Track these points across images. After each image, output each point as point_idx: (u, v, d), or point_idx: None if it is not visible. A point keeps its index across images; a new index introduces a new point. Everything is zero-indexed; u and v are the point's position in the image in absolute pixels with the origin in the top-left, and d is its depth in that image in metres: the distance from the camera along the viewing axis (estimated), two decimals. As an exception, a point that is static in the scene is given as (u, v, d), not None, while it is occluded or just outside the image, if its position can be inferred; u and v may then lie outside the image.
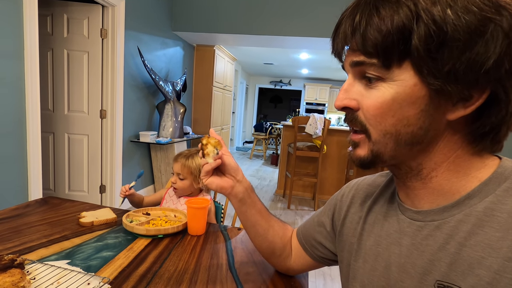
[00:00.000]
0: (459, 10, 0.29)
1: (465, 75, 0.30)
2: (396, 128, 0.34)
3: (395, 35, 0.30)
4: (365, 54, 0.33)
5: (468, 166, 0.35)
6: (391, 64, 0.32)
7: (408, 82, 0.32)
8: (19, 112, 1.74)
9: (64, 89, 2.48)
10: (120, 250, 0.75)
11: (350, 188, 0.53)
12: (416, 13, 0.29)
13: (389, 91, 0.33)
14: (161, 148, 3.09)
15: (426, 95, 0.32)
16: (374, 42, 0.32)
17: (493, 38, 0.28)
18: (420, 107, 0.32)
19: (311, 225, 0.59)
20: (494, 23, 0.28)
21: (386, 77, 0.33)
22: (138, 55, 2.78)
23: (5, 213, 0.92)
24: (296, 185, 3.51)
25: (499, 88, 0.30)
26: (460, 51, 0.29)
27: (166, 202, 1.19)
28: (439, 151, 0.35)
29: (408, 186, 0.39)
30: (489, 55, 0.29)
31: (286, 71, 7.50)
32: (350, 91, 0.37)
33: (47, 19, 2.42)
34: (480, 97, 0.31)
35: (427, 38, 0.29)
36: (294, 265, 0.62)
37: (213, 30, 3.37)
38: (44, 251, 0.71)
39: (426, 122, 0.33)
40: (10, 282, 0.50)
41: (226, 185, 0.57)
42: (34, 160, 1.84)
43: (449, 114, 0.32)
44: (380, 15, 0.31)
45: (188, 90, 4.03)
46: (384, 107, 0.34)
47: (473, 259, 0.31)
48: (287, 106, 10.59)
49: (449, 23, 0.29)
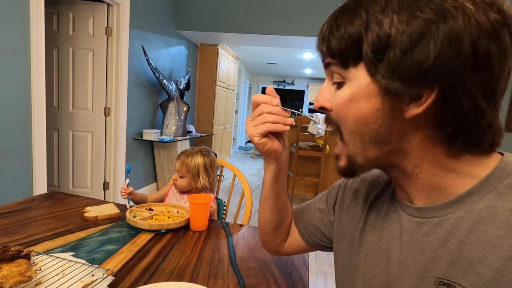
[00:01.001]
0: (404, 16, 0.31)
1: (408, 73, 0.31)
2: (357, 126, 0.36)
3: (348, 41, 0.34)
4: (330, 56, 0.37)
5: (451, 163, 0.35)
6: (348, 65, 0.36)
7: (362, 81, 0.35)
8: (25, 109, 1.77)
9: (69, 86, 2.50)
10: (123, 244, 0.76)
11: (354, 180, 0.53)
12: (366, 20, 0.33)
13: (347, 90, 0.36)
14: (164, 146, 3.11)
15: (379, 94, 0.34)
16: (333, 47, 0.36)
17: (433, 38, 0.30)
18: (375, 105, 0.34)
19: (310, 211, 0.59)
20: (436, 25, 0.30)
21: (346, 77, 0.36)
22: (143, 54, 2.80)
23: (11, 207, 0.94)
24: (298, 185, 3.51)
25: (445, 87, 0.31)
26: (403, 52, 0.31)
27: (170, 199, 1.20)
28: (413, 150, 0.36)
29: (401, 184, 0.40)
30: (429, 53, 0.30)
31: (290, 71, 7.50)
32: (325, 92, 0.41)
33: (53, 17, 2.44)
34: (429, 96, 0.32)
35: (374, 42, 0.32)
36: (286, 246, 0.63)
37: (217, 29, 3.38)
38: (50, 243, 0.73)
39: (385, 121, 0.35)
40: (17, 272, 0.51)
41: (278, 148, 0.52)
42: (39, 156, 1.87)
43: (406, 113, 0.33)
44: (337, 25, 0.35)
45: (192, 89, 4.05)
46: (346, 104, 0.36)
47: (474, 257, 0.31)
48: (291, 106, 10.55)
49: (393, 27, 0.31)
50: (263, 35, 3.31)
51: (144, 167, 3.10)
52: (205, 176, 1.15)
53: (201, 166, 1.15)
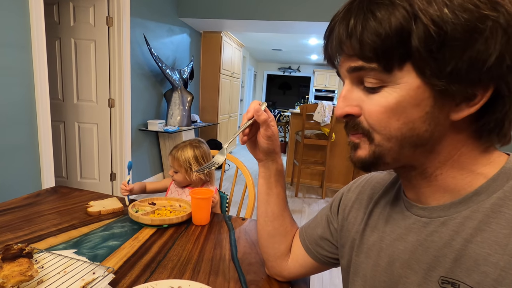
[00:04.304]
0: (456, 9, 0.28)
1: (468, 73, 0.29)
2: (401, 131, 0.33)
3: (394, 38, 0.30)
4: (363, 59, 0.32)
5: (472, 163, 0.34)
6: (392, 67, 0.31)
7: (411, 84, 0.31)
8: (29, 102, 1.77)
9: (72, 78, 2.50)
10: (126, 240, 0.76)
11: (357, 185, 0.53)
12: (413, 14, 0.29)
13: (392, 95, 0.32)
14: (169, 136, 3.12)
15: (430, 96, 0.31)
16: (372, 46, 0.31)
17: (492, 35, 0.28)
18: (425, 109, 0.32)
19: (317, 223, 0.58)
20: (492, 20, 0.28)
21: (388, 81, 0.32)
22: (145, 43, 2.77)
23: (17, 202, 0.95)
24: (304, 173, 3.51)
25: (502, 84, 0.30)
26: (461, 50, 0.29)
27: (171, 193, 1.20)
28: (443, 151, 0.34)
29: (414, 185, 0.39)
30: (490, 52, 0.28)
31: (295, 57, 7.36)
32: (350, 97, 0.36)
33: (54, 8, 2.42)
34: (484, 95, 0.30)
35: (427, 38, 0.29)
36: (291, 265, 0.60)
37: (220, 16, 3.31)
38: (53, 240, 0.73)
39: (431, 125, 0.33)
40: (18, 272, 0.52)
41: (256, 156, 0.59)
42: (45, 148, 1.89)
43: (453, 115, 0.32)
44: (376, 18, 0.30)
45: (195, 78, 4.02)
46: (388, 111, 0.33)
47: (479, 256, 0.31)
48: (296, 93, 10.45)
49: (447, 22, 0.28)
50: (267, 21, 3.23)
51: (150, 157, 3.12)
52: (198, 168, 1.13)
53: (192, 158, 1.13)
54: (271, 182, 0.59)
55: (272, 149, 0.56)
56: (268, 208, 0.60)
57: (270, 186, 0.59)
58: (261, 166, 0.59)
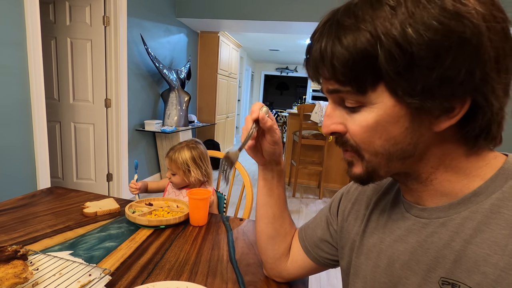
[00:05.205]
0: (420, 28, 0.28)
1: (440, 90, 0.30)
2: (384, 148, 0.34)
3: (361, 63, 0.30)
4: (338, 82, 0.33)
5: (466, 166, 0.35)
6: (365, 89, 0.32)
7: (387, 104, 0.32)
8: (24, 102, 1.75)
9: (68, 78, 2.48)
10: (122, 241, 0.75)
11: (357, 186, 0.52)
12: (377, 37, 0.29)
13: (371, 114, 0.33)
14: (166, 136, 3.10)
15: (407, 113, 0.32)
16: (342, 71, 0.32)
17: (459, 51, 0.28)
18: (404, 125, 0.33)
19: (316, 225, 0.57)
20: (458, 36, 0.28)
21: (365, 102, 0.33)
22: (142, 43, 2.75)
23: (11, 203, 0.94)
24: (301, 174, 3.51)
25: (477, 96, 0.30)
26: (430, 69, 0.29)
27: (169, 194, 1.20)
28: (432, 158, 0.35)
29: (411, 189, 0.39)
30: (460, 68, 0.28)
31: (293, 57, 7.37)
32: (334, 116, 0.37)
33: (49, 7, 2.39)
34: (462, 108, 0.31)
35: (392, 61, 0.29)
36: (290, 268, 0.60)
37: (217, 16, 3.30)
38: (48, 241, 0.72)
39: (413, 138, 0.33)
40: (12, 274, 0.51)
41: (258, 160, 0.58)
42: (41, 149, 1.87)
43: (435, 127, 0.32)
44: (343, 45, 0.31)
45: (193, 78, 4.00)
46: (369, 130, 0.34)
47: (479, 257, 0.31)
48: (294, 93, 10.47)
49: (412, 43, 0.28)
50: (264, 21, 3.23)
51: (147, 157, 3.11)
52: (196, 170, 1.12)
53: (190, 160, 1.12)
54: (273, 184, 0.59)
55: (277, 152, 0.56)
56: (269, 209, 0.60)
57: (271, 187, 0.59)
58: (263, 168, 0.58)
